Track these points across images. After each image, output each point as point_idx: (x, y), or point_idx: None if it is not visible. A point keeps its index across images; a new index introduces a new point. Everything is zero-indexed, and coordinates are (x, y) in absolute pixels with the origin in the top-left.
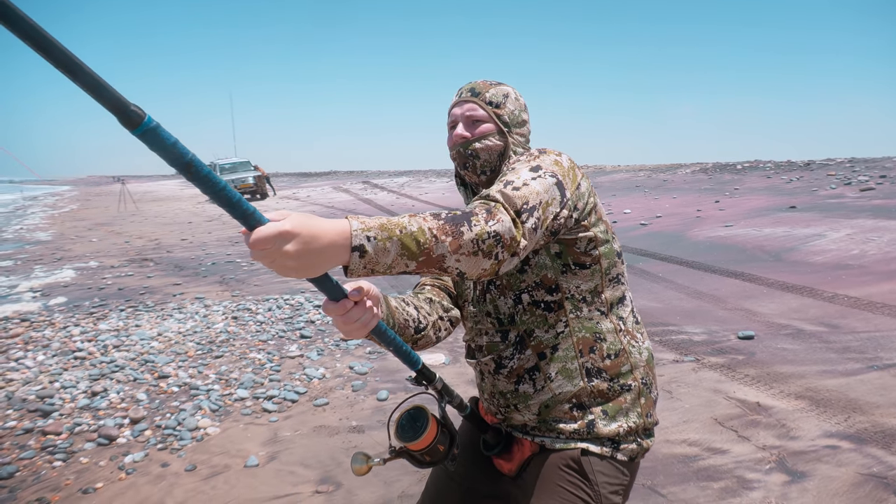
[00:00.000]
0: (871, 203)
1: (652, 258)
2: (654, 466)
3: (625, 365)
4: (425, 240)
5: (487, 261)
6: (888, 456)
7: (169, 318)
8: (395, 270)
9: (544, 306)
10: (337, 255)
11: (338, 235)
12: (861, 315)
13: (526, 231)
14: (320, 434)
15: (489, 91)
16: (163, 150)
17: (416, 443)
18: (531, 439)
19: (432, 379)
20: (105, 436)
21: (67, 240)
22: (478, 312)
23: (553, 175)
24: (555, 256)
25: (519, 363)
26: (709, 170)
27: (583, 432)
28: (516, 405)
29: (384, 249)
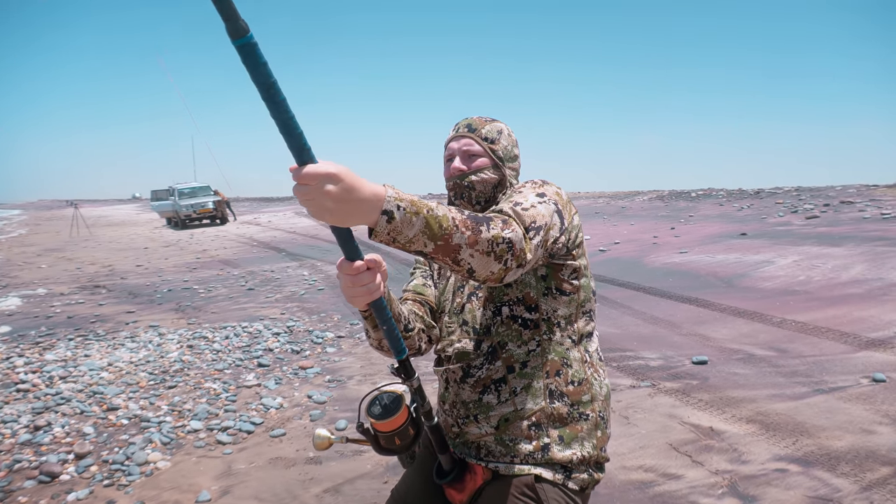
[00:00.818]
0: (815, 230)
1: (610, 284)
2: (611, 493)
3: (586, 394)
4: (448, 226)
5: (497, 264)
6: (833, 478)
7: (121, 348)
8: (413, 246)
9: (521, 322)
10: (368, 212)
11: (374, 195)
12: (807, 339)
13: (532, 247)
14: (276, 466)
15: (485, 128)
16: (254, 68)
17: (384, 422)
18: (484, 465)
19: (412, 375)
20: (47, 473)
21: (14, 266)
22: (451, 322)
23: (555, 203)
24: (540, 278)
25: (487, 373)
26: (665, 197)
27: (537, 456)
28: (476, 416)
29: (409, 222)
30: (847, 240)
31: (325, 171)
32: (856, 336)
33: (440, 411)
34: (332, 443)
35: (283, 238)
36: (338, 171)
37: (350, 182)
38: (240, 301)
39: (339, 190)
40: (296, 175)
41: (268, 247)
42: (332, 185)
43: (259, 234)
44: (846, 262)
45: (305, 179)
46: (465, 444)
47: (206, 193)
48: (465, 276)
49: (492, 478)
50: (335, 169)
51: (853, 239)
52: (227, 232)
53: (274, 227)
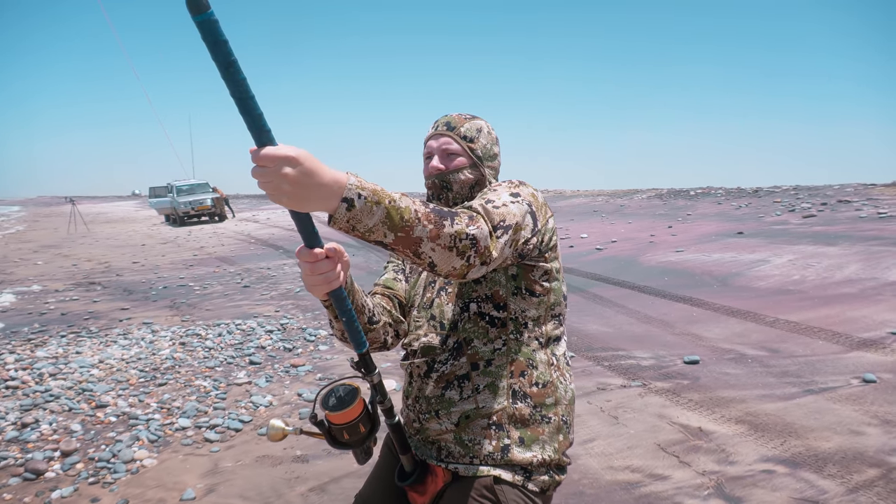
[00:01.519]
0: (812, 230)
1: (605, 283)
2: (597, 494)
3: (549, 397)
4: (409, 217)
5: (459, 260)
6: (820, 480)
7: (112, 345)
8: (373, 236)
9: (489, 320)
10: (328, 198)
11: (334, 182)
12: (800, 339)
13: (499, 245)
14: (263, 464)
15: (464, 126)
16: (214, 45)
17: (338, 414)
18: (444, 466)
19: (372, 370)
20: (32, 470)
21: (10, 262)
22: (420, 317)
23: (529, 204)
24: (510, 277)
25: (451, 369)
26: (664, 195)
27: (497, 457)
28: (438, 411)
29: (370, 211)
30: (843, 239)
31: (283, 153)
32: (848, 336)
33: (403, 407)
34: (287, 434)
35: (281, 235)
36: (297, 154)
37: (309, 166)
38: (235, 298)
39: (297, 173)
40: (254, 157)
41: (265, 244)
42: (290, 167)
43: (257, 232)
44: (841, 261)
45: (263, 161)
46: (426, 443)
47: (205, 190)
48: (427, 269)
49: (452, 479)
50: (294, 152)
51: (849, 238)
52: (226, 229)
53: (273, 224)
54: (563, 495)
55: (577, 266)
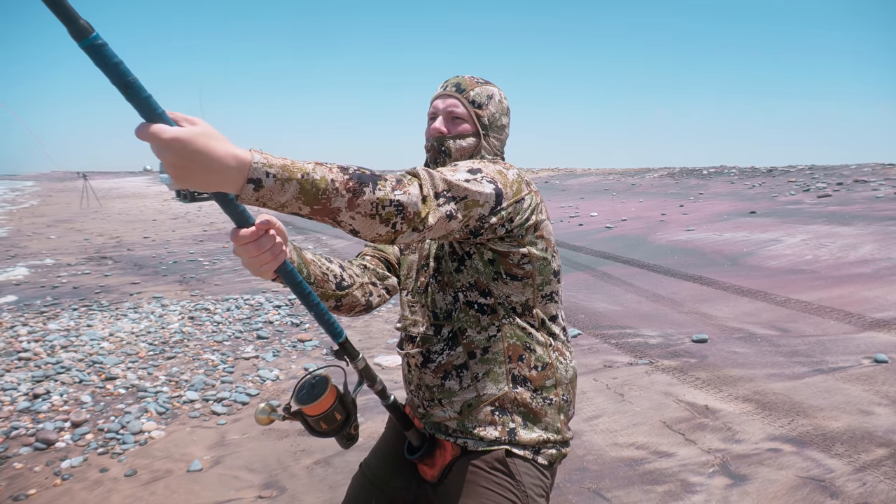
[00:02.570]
0: (826, 209)
1: (615, 261)
2: (600, 470)
3: (549, 379)
4: (325, 188)
5: (384, 227)
6: (827, 459)
7: (123, 318)
8: (287, 210)
9: (478, 308)
10: (230, 179)
11: (236, 162)
12: (811, 319)
13: (437, 213)
14: (269, 437)
15: (474, 90)
16: (105, 68)
17: (309, 406)
18: (453, 440)
19: (355, 357)
20: (43, 440)
21: (24, 237)
22: (415, 301)
23: (492, 181)
24: (487, 263)
25: (448, 359)
26: (676, 174)
27: (504, 440)
28: (440, 400)
29: (281, 188)
30: (858, 219)
31: (167, 132)
32: (860, 316)
33: (407, 392)
34: (273, 420)
35: None
36: (181, 133)
37: (201, 145)
38: (243, 274)
39: (189, 151)
40: (140, 133)
41: None
42: (178, 145)
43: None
44: (855, 241)
45: (148, 138)
46: (432, 424)
47: None
48: (352, 235)
49: (461, 454)
50: (179, 131)
51: (864, 218)
52: None
53: None
54: (568, 470)
55: (586, 244)
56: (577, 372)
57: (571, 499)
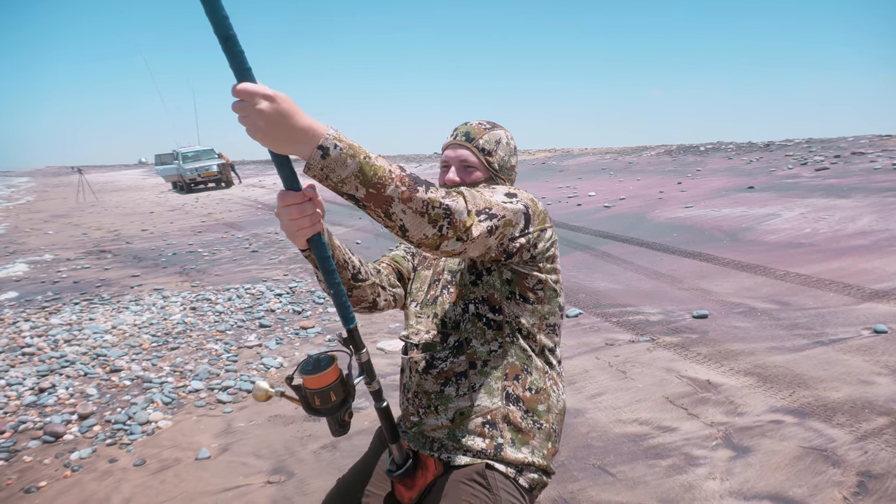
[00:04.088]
0: (824, 182)
1: (614, 240)
2: (604, 447)
3: (542, 404)
4: (383, 175)
5: (431, 228)
6: (828, 429)
7: (125, 311)
8: (345, 188)
9: (486, 321)
10: (303, 143)
11: (312, 128)
12: (810, 292)
13: (479, 227)
14: (275, 424)
15: (483, 137)
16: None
17: (311, 378)
18: (437, 456)
19: (360, 348)
20: (51, 433)
21: (22, 233)
22: (422, 313)
23: (525, 206)
24: (505, 282)
25: (451, 366)
26: (673, 152)
27: (489, 453)
28: (437, 406)
29: (343, 163)
30: (855, 191)
31: (262, 90)
32: (859, 288)
33: (402, 399)
34: (271, 395)
35: None
36: (276, 94)
37: (287, 107)
38: (243, 263)
39: (273, 111)
40: (233, 90)
41: (272, 209)
42: (266, 103)
43: (264, 197)
44: (853, 213)
45: (241, 94)
46: (420, 436)
47: (211, 157)
48: (399, 234)
49: (443, 472)
50: (274, 93)
51: (862, 190)
52: (233, 195)
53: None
54: (573, 448)
55: (584, 224)
56: (566, 406)
57: (577, 475)
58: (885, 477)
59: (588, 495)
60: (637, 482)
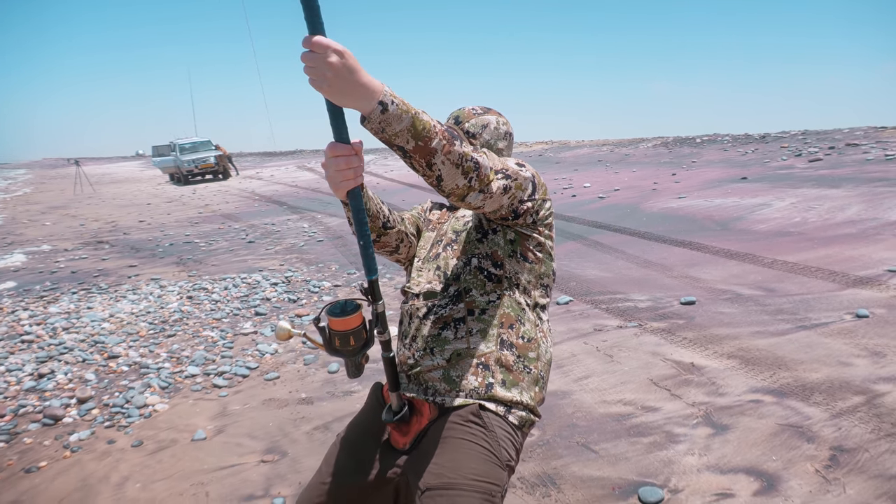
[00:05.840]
0: (817, 173)
1: (606, 230)
2: (589, 426)
3: (532, 352)
4: (430, 129)
5: (463, 179)
6: (805, 407)
7: (122, 300)
8: (397, 140)
9: (487, 275)
10: (365, 98)
11: (372, 85)
12: (796, 279)
13: (497, 183)
14: (269, 407)
15: (470, 121)
16: None
17: (337, 320)
18: (432, 400)
19: (378, 299)
20: (50, 416)
21: (19, 224)
22: (424, 267)
23: (532, 175)
24: (508, 241)
25: (449, 312)
26: (669, 143)
27: (481, 391)
28: (433, 348)
29: (399, 117)
30: (847, 181)
31: (335, 44)
32: (844, 274)
33: (400, 346)
34: (292, 335)
35: (284, 192)
36: (344, 49)
37: (353, 63)
38: (240, 253)
39: (341, 65)
40: (306, 42)
41: (269, 201)
42: (336, 57)
43: (261, 189)
44: (843, 203)
45: (314, 46)
46: (416, 379)
47: (208, 148)
48: (434, 183)
49: (438, 415)
50: (342, 47)
51: (853, 180)
52: (230, 187)
53: (276, 181)
54: (558, 427)
55: (578, 214)
56: (553, 358)
57: (561, 452)
58: (857, 451)
59: (571, 471)
60: (619, 458)
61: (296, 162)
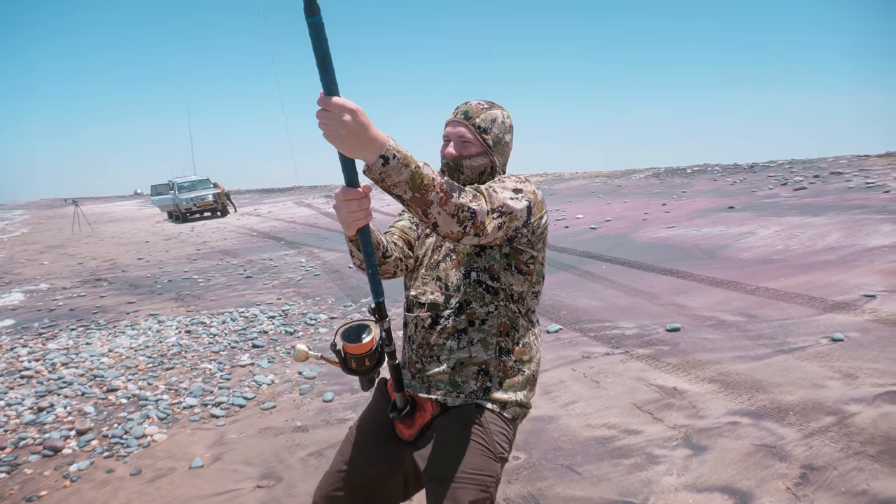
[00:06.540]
0: (801, 202)
1: (597, 260)
2: (573, 449)
3: (526, 355)
4: (427, 183)
5: (457, 226)
6: (780, 428)
7: (121, 335)
8: (396, 190)
9: (485, 287)
10: (370, 151)
11: (378, 140)
12: (777, 305)
13: (492, 224)
14: (265, 435)
15: (480, 116)
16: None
17: (352, 346)
18: (435, 399)
19: (384, 317)
20: (50, 447)
21: (17, 263)
22: (427, 275)
23: (528, 202)
24: (503, 255)
25: (453, 324)
26: (661, 174)
27: (480, 394)
28: (439, 356)
29: (399, 170)
30: (828, 209)
31: (350, 105)
32: (822, 300)
33: (407, 349)
34: (309, 356)
35: (282, 227)
36: (357, 108)
37: (363, 121)
38: (238, 288)
39: (354, 123)
40: (323, 101)
41: (267, 236)
42: (350, 117)
43: (259, 225)
44: (824, 230)
45: (331, 107)
46: (422, 380)
47: (206, 186)
48: (430, 228)
49: (440, 412)
50: (356, 106)
51: (835, 208)
52: (228, 223)
53: (274, 217)
54: (544, 451)
55: (570, 245)
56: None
57: (546, 474)
58: (826, 469)
59: (555, 492)
60: (601, 479)
61: (294, 198)
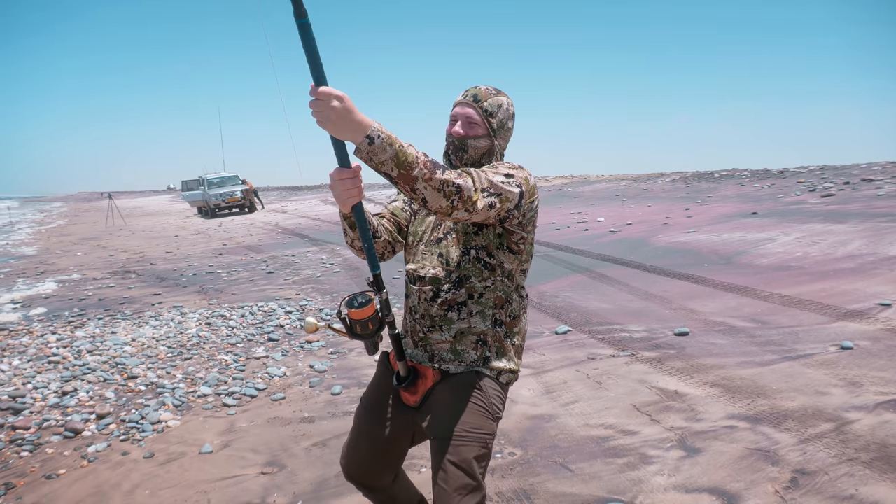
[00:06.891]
0: (826, 208)
1: (613, 263)
2: (569, 447)
3: (516, 327)
4: (412, 160)
5: (445, 201)
6: (776, 433)
7: (145, 326)
8: (383, 168)
9: (483, 264)
10: (357, 132)
11: (364, 122)
12: (789, 312)
13: (483, 202)
14: (273, 425)
15: (488, 100)
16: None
17: (355, 311)
18: (437, 366)
19: (382, 289)
20: (71, 429)
21: (52, 254)
22: (428, 251)
23: (519, 186)
24: (496, 235)
25: (453, 296)
26: (688, 178)
27: (479, 362)
28: (441, 326)
29: (384, 149)
30: (853, 216)
31: (336, 92)
32: (836, 308)
33: (410, 319)
34: (318, 328)
35: (307, 225)
36: (343, 95)
37: (350, 105)
38: (259, 283)
39: (342, 108)
40: (313, 91)
41: (292, 233)
42: (338, 103)
43: (284, 222)
44: (846, 238)
45: (320, 95)
46: (424, 348)
47: (234, 183)
48: (421, 204)
49: (441, 378)
50: (341, 93)
51: (860, 216)
52: (255, 220)
53: (300, 214)
54: (540, 448)
55: (588, 248)
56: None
57: (539, 470)
58: (817, 474)
59: (546, 487)
60: (592, 477)
61: (320, 196)
